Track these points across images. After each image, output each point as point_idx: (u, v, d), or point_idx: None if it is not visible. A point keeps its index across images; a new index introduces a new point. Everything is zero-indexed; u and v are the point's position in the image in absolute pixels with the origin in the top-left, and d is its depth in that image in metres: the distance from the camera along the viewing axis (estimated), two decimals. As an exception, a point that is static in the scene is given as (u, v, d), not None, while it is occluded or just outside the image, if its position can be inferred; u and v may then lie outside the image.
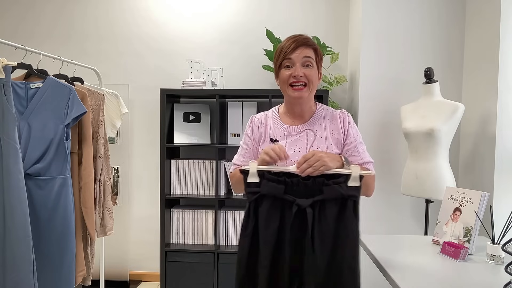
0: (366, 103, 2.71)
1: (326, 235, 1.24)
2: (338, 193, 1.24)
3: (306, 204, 1.24)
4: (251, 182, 1.30)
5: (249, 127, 1.56)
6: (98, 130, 2.20)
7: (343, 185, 1.25)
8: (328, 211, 1.25)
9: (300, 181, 1.27)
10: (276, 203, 1.28)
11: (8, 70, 1.72)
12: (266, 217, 1.28)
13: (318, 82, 1.47)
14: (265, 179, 1.29)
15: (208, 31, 3.19)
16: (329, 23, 3.11)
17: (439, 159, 2.24)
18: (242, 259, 1.32)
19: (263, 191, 1.28)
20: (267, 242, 1.27)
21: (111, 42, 3.25)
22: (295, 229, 1.26)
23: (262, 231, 1.28)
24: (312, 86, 1.43)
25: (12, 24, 3.30)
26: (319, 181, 1.26)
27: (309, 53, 1.42)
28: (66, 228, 1.90)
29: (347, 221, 1.24)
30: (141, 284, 3.24)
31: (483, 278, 1.34)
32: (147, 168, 3.25)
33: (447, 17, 2.68)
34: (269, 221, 1.27)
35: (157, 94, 2.87)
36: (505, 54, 2.23)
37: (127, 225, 3.24)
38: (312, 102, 1.51)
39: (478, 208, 1.56)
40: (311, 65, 1.42)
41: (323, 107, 1.54)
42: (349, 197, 1.24)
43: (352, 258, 1.24)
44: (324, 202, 1.25)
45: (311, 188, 1.26)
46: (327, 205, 1.25)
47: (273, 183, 1.28)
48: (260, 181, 1.29)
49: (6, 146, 1.68)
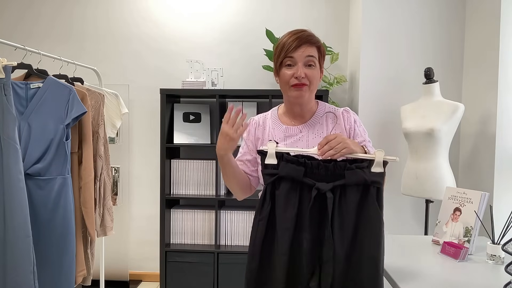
0: (366, 103, 2.71)
1: (347, 222, 1.17)
2: (361, 178, 1.16)
3: (326, 188, 1.17)
4: (269, 164, 1.22)
5: (246, 130, 1.49)
6: (98, 130, 2.20)
7: (366, 170, 1.17)
8: (349, 197, 1.17)
9: (320, 164, 1.19)
10: (294, 187, 1.20)
11: (8, 70, 1.72)
12: (284, 201, 1.20)
13: (319, 81, 1.42)
14: (283, 160, 1.21)
15: (208, 31, 3.19)
16: (329, 23, 3.11)
17: (439, 159, 2.24)
18: (256, 243, 1.22)
19: (282, 172, 1.20)
20: (285, 227, 1.19)
21: (111, 42, 3.25)
22: (314, 214, 1.18)
23: (280, 216, 1.20)
24: (313, 87, 1.38)
25: (10, 24, 3.30)
26: (341, 165, 1.18)
27: (312, 52, 1.34)
28: (66, 228, 1.90)
29: (369, 209, 1.16)
30: (141, 284, 3.24)
31: (483, 278, 1.34)
32: (147, 168, 3.25)
33: (447, 17, 2.68)
34: (287, 206, 1.20)
35: (157, 94, 2.87)
36: (505, 54, 2.23)
37: (127, 225, 3.24)
38: (313, 102, 1.46)
39: (478, 208, 1.56)
40: (313, 65, 1.35)
41: (324, 106, 1.48)
42: (372, 183, 1.16)
43: (374, 248, 1.16)
44: (345, 187, 1.18)
45: (332, 172, 1.18)
46: (348, 191, 1.18)
47: (293, 165, 1.19)
48: (278, 163, 1.21)
49: (6, 146, 1.68)
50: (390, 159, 1.18)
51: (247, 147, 1.50)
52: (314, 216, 1.19)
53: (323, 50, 1.40)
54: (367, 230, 1.17)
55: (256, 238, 1.22)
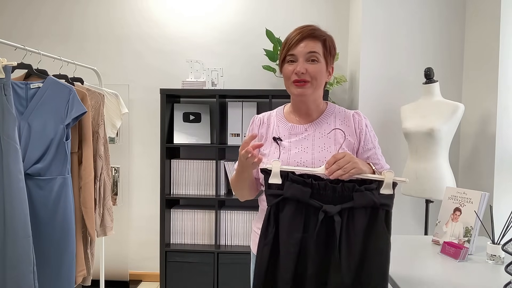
0: (366, 103, 2.70)
1: (354, 247, 1.10)
2: (370, 200, 1.10)
3: (334, 211, 1.10)
4: (273, 184, 1.15)
5: (249, 129, 1.46)
6: (98, 130, 2.20)
7: (375, 192, 1.10)
8: (357, 220, 1.11)
9: (328, 185, 1.12)
10: (299, 209, 1.13)
11: (8, 70, 1.72)
12: (289, 225, 1.13)
13: (328, 77, 1.34)
14: (289, 180, 1.14)
15: (208, 31, 3.19)
16: (329, 23, 3.11)
17: (439, 159, 2.24)
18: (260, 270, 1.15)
19: (287, 194, 1.13)
20: (289, 253, 1.12)
21: (111, 42, 3.25)
22: (321, 239, 1.11)
23: (284, 241, 1.13)
24: (317, 83, 1.29)
25: (10, 23, 3.29)
26: (349, 186, 1.11)
27: (314, 47, 1.28)
28: (66, 228, 1.90)
29: (377, 233, 1.10)
30: (141, 284, 3.24)
31: (483, 278, 1.34)
32: (147, 168, 3.25)
33: (447, 17, 2.68)
34: (291, 230, 1.13)
35: (157, 94, 2.87)
36: (505, 54, 2.23)
37: (127, 225, 3.24)
38: (320, 100, 1.38)
39: (478, 208, 1.56)
40: (316, 60, 1.28)
41: (334, 106, 1.41)
42: (381, 206, 1.10)
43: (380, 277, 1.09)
44: (353, 210, 1.11)
45: (340, 194, 1.12)
46: (356, 214, 1.11)
47: (299, 185, 1.13)
48: (283, 183, 1.14)
49: (6, 146, 1.68)
50: (400, 180, 1.12)
51: None
52: (320, 241, 1.12)
53: (330, 44, 1.33)
54: (375, 257, 1.10)
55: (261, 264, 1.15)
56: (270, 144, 1.36)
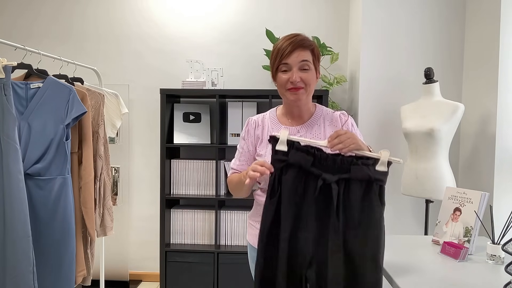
0: (366, 103, 2.70)
1: (350, 215, 1.20)
2: (366, 174, 1.20)
3: (332, 179, 1.20)
4: (279, 150, 1.25)
5: (245, 130, 1.54)
6: (98, 130, 2.20)
7: (371, 168, 1.21)
8: (353, 191, 1.21)
9: (329, 156, 1.23)
10: (300, 175, 1.24)
11: (8, 70, 1.72)
12: (290, 189, 1.24)
13: (316, 82, 1.45)
14: (294, 148, 1.25)
15: (208, 31, 3.19)
16: (329, 23, 3.11)
17: (439, 159, 2.24)
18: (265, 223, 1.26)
19: (291, 160, 1.24)
20: (288, 214, 1.23)
21: (111, 42, 3.25)
22: (319, 205, 1.22)
23: (285, 203, 1.24)
24: (310, 89, 1.42)
25: (10, 23, 3.30)
26: (348, 160, 1.22)
27: (306, 56, 1.39)
28: (66, 228, 1.90)
29: (371, 205, 1.20)
30: (141, 284, 3.24)
31: (483, 278, 1.34)
32: (147, 168, 3.25)
33: (447, 17, 2.68)
34: (292, 193, 1.24)
35: (157, 94, 2.87)
36: (505, 54, 2.23)
37: (127, 225, 3.24)
38: (310, 103, 1.50)
39: (478, 208, 1.56)
40: (308, 69, 1.39)
41: (322, 108, 1.53)
42: (375, 180, 1.20)
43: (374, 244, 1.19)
44: (349, 181, 1.21)
45: (339, 165, 1.22)
46: (352, 186, 1.21)
47: (302, 153, 1.23)
48: (288, 150, 1.25)
49: (6, 146, 1.68)
50: (395, 160, 1.22)
51: (248, 150, 1.53)
52: (319, 206, 1.22)
53: (317, 52, 1.44)
54: (369, 225, 1.20)
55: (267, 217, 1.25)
56: (266, 145, 1.45)
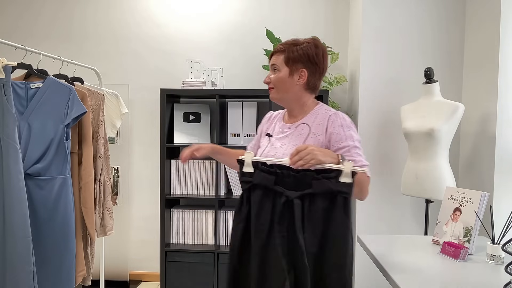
0: (366, 103, 2.70)
1: (315, 229, 1.25)
2: (327, 187, 1.24)
3: (293, 196, 1.26)
4: (246, 172, 1.36)
5: (263, 121, 1.71)
6: (98, 130, 2.20)
7: (333, 180, 1.24)
8: (317, 205, 1.25)
9: (290, 173, 1.29)
10: (267, 194, 1.32)
11: (8, 70, 1.72)
12: (258, 207, 1.32)
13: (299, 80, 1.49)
14: (258, 169, 1.34)
15: (208, 31, 3.19)
16: (329, 23, 3.11)
17: (439, 159, 2.24)
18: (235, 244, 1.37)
19: (255, 180, 1.33)
20: (258, 230, 1.31)
21: (111, 42, 3.25)
22: (286, 220, 1.28)
23: (254, 220, 1.33)
24: (280, 88, 1.50)
25: (10, 23, 3.29)
26: (309, 175, 1.27)
27: (275, 60, 1.51)
28: (66, 228, 1.90)
29: (336, 217, 1.24)
30: (141, 284, 3.24)
31: (483, 278, 1.34)
32: (147, 168, 3.25)
33: (447, 17, 2.68)
34: (260, 210, 1.32)
35: (157, 94, 2.87)
36: (505, 54, 2.23)
37: (127, 225, 3.24)
38: (303, 102, 1.53)
39: (478, 208, 1.56)
40: (277, 69, 1.50)
41: (321, 108, 1.53)
42: (339, 192, 1.23)
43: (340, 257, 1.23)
44: (314, 196, 1.26)
45: (300, 181, 1.28)
46: (317, 200, 1.25)
47: (264, 174, 1.32)
48: (254, 171, 1.34)
49: (6, 146, 1.68)
50: (358, 170, 1.24)
51: (257, 137, 1.70)
52: (284, 221, 1.28)
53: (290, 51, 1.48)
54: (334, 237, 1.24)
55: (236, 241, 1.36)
56: (263, 139, 1.62)
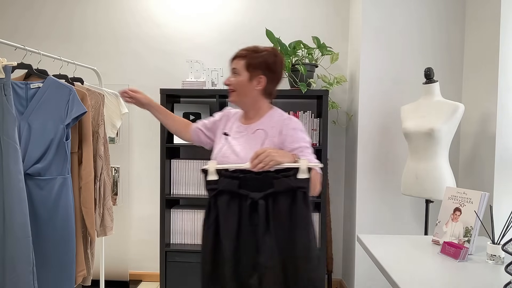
0: (366, 103, 2.70)
1: (281, 225, 1.35)
2: (287, 185, 1.35)
3: (258, 196, 1.35)
4: (211, 180, 1.42)
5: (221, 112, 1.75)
6: (98, 130, 2.20)
7: (292, 178, 1.35)
8: (281, 202, 1.36)
9: (252, 176, 1.37)
10: (233, 198, 1.39)
11: (8, 70, 1.72)
12: (226, 211, 1.39)
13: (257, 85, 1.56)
14: (221, 176, 1.41)
15: (208, 31, 3.19)
16: (329, 23, 3.11)
17: (439, 159, 2.24)
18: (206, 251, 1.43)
19: (220, 187, 1.40)
20: (227, 234, 1.38)
21: (111, 42, 3.25)
22: (253, 221, 1.36)
23: (222, 224, 1.40)
24: (239, 91, 1.57)
25: (11, 23, 3.29)
26: (269, 175, 1.37)
27: (236, 65, 1.59)
28: (66, 228, 1.90)
29: (298, 210, 1.35)
30: (141, 284, 3.24)
31: (483, 278, 1.34)
32: (147, 168, 3.25)
33: (447, 17, 2.68)
34: (228, 215, 1.39)
35: (157, 94, 2.87)
36: (505, 54, 2.23)
37: (127, 225, 3.24)
38: (259, 106, 1.61)
39: (478, 208, 1.56)
40: (237, 74, 1.58)
41: (275, 112, 1.63)
42: (298, 188, 1.35)
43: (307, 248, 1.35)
44: (276, 194, 1.36)
45: (262, 182, 1.37)
46: (280, 197, 1.36)
47: (228, 179, 1.40)
48: (218, 178, 1.42)
49: (6, 146, 1.68)
50: (313, 165, 1.37)
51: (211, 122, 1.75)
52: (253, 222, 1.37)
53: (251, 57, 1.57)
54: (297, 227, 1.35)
55: (207, 244, 1.42)
56: (220, 137, 1.66)
